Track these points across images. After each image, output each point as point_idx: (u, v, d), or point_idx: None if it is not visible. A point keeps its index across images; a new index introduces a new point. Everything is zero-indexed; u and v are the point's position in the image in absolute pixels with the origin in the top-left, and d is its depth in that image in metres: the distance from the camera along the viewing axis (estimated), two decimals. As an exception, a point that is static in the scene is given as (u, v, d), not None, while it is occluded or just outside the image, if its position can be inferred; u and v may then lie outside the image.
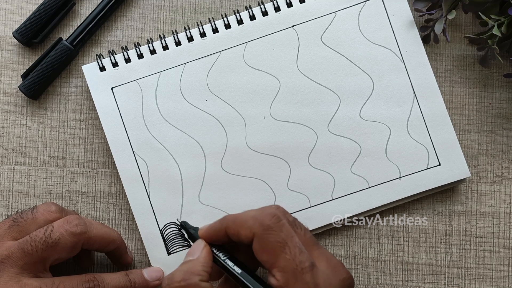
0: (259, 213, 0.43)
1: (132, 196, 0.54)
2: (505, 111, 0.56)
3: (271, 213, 0.43)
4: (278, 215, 0.43)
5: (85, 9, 0.57)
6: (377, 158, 0.54)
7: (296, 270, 0.41)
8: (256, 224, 0.42)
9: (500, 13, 0.53)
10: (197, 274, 0.43)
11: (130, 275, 0.51)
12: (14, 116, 0.56)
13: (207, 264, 0.44)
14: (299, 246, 0.42)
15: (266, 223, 0.42)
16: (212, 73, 0.55)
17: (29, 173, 0.56)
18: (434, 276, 0.55)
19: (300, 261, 0.41)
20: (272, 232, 0.42)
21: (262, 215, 0.43)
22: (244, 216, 0.44)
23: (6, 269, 0.45)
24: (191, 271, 0.43)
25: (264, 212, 0.43)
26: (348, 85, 0.55)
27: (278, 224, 0.42)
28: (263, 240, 0.42)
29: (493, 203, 0.56)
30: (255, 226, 0.42)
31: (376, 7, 0.55)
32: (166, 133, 0.54)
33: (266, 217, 0.43)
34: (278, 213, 0.43)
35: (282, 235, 0.42)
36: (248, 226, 0.43)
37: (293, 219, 0.44)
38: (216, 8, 0.57)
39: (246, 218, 0.43)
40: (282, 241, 0.42)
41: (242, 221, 0.43)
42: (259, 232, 0.42)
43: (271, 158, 0.54)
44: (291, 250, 0.41)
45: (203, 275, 0.43)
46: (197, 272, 0.43)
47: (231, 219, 0.44)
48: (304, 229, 0.45)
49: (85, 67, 0.55)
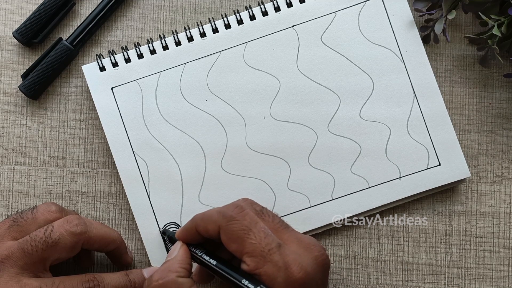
0: (224, 207, 0.46)
1: (132, 196, 0.54)
2: (505, 111, 0.56)
3: (233, 204, 0.45)
4: (240, 205, 0.45)
5: (85, 9, 0.57)
6: (377, 158, 0.54)
7: (263, 252, 0.42)
8: (219, 217, 0.44)
9: (500, 13, 0.53)
10: (174, 271, 0.45)
11: (130, 275, 0.51)
12: (14, 116, 0.56)
13: (184, 261, 0.46)
14: (264, 230, 0.43)
15: (229, 214, 0.44)
16: (212, 73, 0.55)
17: (29, 173, 0.56)
18: (434, 276, 0.55)
19: (266, 243, 0.42)
20: (235, 221, 0.44)
21: (225, 208, 0.45)
22: (210, 212, 0.46)
23: (6, 269, 0.45)
24: (168, 269, 0.45)
25: (229, 205, 0.46)
26: (348, 85, 0.55)
27: (240, 214, 0.44)
28: (228, 231, 0.44)
29: (493, 203, 0.56)
30: (219, 219, 0.44)
31: (376, 7, 0.55)
32: (166, 133, 0.54)
33: (228, 209, 0.45)
34: (241, 204, 0.45)
35: (245, 222, 0.44)
36: (213, 221, 0.45)
37: (260, 208, 0.46)
38: (216, 8, 0.57)
39: (211, 213, 0.46)
40: (246, 228, 0.43)
41: (208, 217, 0.46)
42: (223, 224, 0.44)
43: (271, 158, 0.54)
44: (256, 235, 0.43)
45: (180, 271, 0.45)
46: (174, 269, 0.45)
47: (199, 217, 0.47)
48: (272, 215, 0.46)
49: (85, 67, 0.55)
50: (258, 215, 0.45)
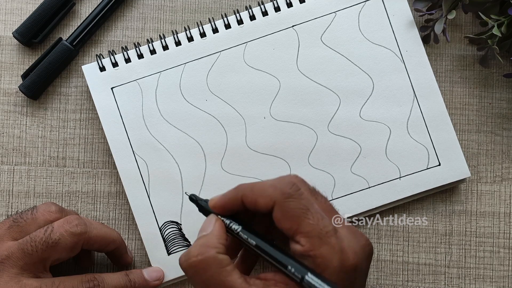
0: (278, 182, 0.43)
1: (132, 196, 0.54)
2: (505, 111, 0.56)
3: (290, 181, 0.43)
4: (296, 183, 0.42)
5: (85, 9, 0.57)
6: (377, 158, 0.54)
7: (321, 234, 0.40)
8: (276, 192, 0.42)
9: (500, 13, 0.53)
10: (213, 247, 0.42)
11: (130, 275, 0.51)
12: (14, 116, 0.56)
13: (221, 237, 0.43)
14: (320, 212, 0.42)
15: (287, 191, 0.42)
16: (212, 73, 0.55)
17: (29, 173, 0.56)
18: (434, 276, 0.55)
19: (324, 225, 0.41)
20: (293, 199, 0.41)
21: (281, 184, 0.42)
22: (262, 184, 0.43)
23: (6, 269, 0.45)
24: (206, 244, 0.42)
25: (283, 181, 0.43)
26: (348, 85, 0.55)
27: (298, 192, 0.42)
28: (284, 208, 0.41)
29: (493, 203, 0.56)
30: (275, 194, 0.42)
31: (376, 7, 0.55)
32: (166, 133, 0.54)
33: (286, 185, 0.42)
34: (297, 182, 0.43)
35: (303, 201, 0.41)
36: (267, 195, 0.42)
37: (312, 187, 0.44)
38: (216, 8, 0.57)
39: (264, 186, 0.43)
40: (304, 207, 0.41)
41: (260, 190, 0.43)
42: (280, 200, 0.41)
43: (271, 158, 0.54)
44: (314, 216, 0.41)
45: (219, 247, 0.42)
46: (213, 245, 0.42)
47: (248, 188, 0.43)
48: (324, 197, 0.44)
49: (85, 67, 0.55)
50: (312, 194, 0.43)
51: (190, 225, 0.54)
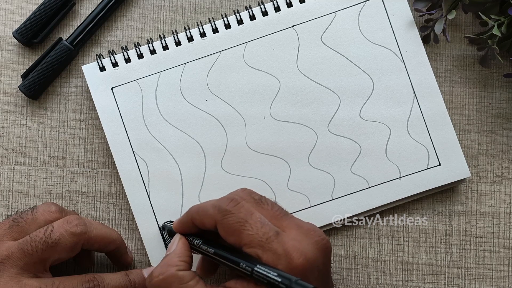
0: (218, 200, 0.45)
1: (132, 196, 0.54)
2: (505, 111, 0.56)
3: (228, 197, 0.45)
4: (235, 198, 0.44)
5: (85, 9, 0.57)
6: (377, 158, 0.54)
7: (261, 241, 0.42)
8: (215, 211, 0.44)
9: (500, 13, 0.53)
10: (173, 265, 0.44)
11: (130, 275, 0.51)
12: (14, 116, 0.56)
13: (183, 254, 0.46)
14: (261, 220, 0.43)
15: (224, 208, 0.44)
16: (212, 73, 0.55)
17: (29, 173, 0.56)
18: (434, 276, 0.55)
19: (263, 233, 0.42)
20: (230, 215, 0.43)
21: (220, 202, 0.45)
22: (205, 205, 0.46)
23: (6, 269, 0.45)
24: (167, 264, 0.45)
25: (223, 198, 0.45)
26: (348, 85, 0.55)
27: (236, 207, 0.44)
28: (224, 225, 0.44)
29: (493, 203, 0.56)
30: (215, 214, 0.44)
31: (376, 7, 0.55)
32: (166, 133, 0.54)
33: (223, 202, 0.44)
34: (236, 196, 0.45)
35: (241, 215, 0.43)
36: (209, 215, 0.45)
37: (259, 196, 0.46)
38: (216, 8, 0.57)
39: (206, 207, 0.45)
40: (242, 220, 0.43)
41: (203, 211, 0.45)
42: (219, 218, 0.44)
43: (271, 158, 0.54)
44: (253, 226, 0.43)
45: (180, 265, 0.45)
46: (174, 263, 0.45)
47: (195, 210, 0.47)
48: (272, 203, 0.46)
49: (85, 67, 0.55)
50: (256, 204, 0.45)
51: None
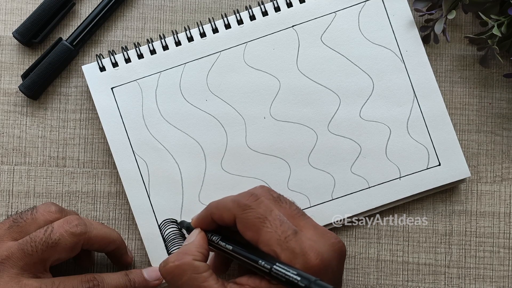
0: (238, 195, 0.45)
1: (132, 196, 0.54)
2: (505, 111, 0.56)
3: (248, 192, 0.45)
4: (255, 193, 0.44)
5: (85, 9, 0.57)
6: (377, 158, 0.54)
7: (279, 240, 0.42)
8: (235, 205, 0.44)
9: (500, 13, 0.53)
10: (190, 254, 0.44)
11: (130, 275, 0.51)
12: (14, 116, 0.56)
13: (201, 246, 0.46)
14: (280, 218, 0.43)
15: (244, 202, 0.44)
16: (212, 73, 0.55)
17: (29, 173, 0.56)
18: (434, 276, 0.55)
19: (282, 231, 0.42)
20: (250, 210, 0.43)
21: (239, 197, 0.45)
22: (225, 200, 0.46)
23: (6, 269, 0.45)
24: (184, 252, 0.45)
25: (242, 193, 0.45)
26: (348, 85, 0.55)
27: (255, 202, 0.44)
28: (243, 219, 0.43)
29: (493, 203, 0.56)
30: (234, 208, 0.44)
31: (376, 7, 0.55)
32: (166, 133, 0.54)
33: (243, 198, 0.44)
34: (256, 192, 0.45)
35: (261, 210, 0.43)
36: (228, 209, 0.44)
37: (277, 195, 0.46)
38: (216, 8, 0.57)
39: (226, 202, 0.45)
40: (261, 216, 0.43)
41: (223, 206, 0.45)
42: (238, 213, 0.44)
43: (271, 158, 0.54)
44: (272, 223, 0.42)
45: (196, 254, 0.44)
46: (191, 252, 0.44)
47: (214, 206, 0.46)
48: (289, 202, 0.46)
49: (85, 67, 0.55)
50: (275, 202, 0.45)
51: (190, 225, 0.54)
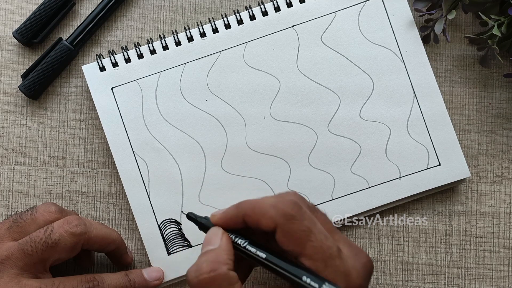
0: (279, 201, 0.41)
1: (132, 196, 0.54)
2: (505, 111, 0.56)
3: (291, 200, 0.41)
4: (298, 203, 0.41)
5: (85, 9, 0.57)
6: (377, 158, 0.54)
7: (324, 256, 0.39)
8: (278, 214, 0.40)
9: (500, 13, 0.53)
10: (224, 263, 0.40)
11: (130, 275, 0.51)
12: (14, 116, 0.56)
13: (230, 252, 0.42)
14: (323, 232, 0.40)
15: (289, 212, 0.40)
16: (212, 73, 0.55)
17: (29, 173, 0.56)
18: (434, 276, 0.55)
19: (327, 246, 0.40)
20: (295, 221, 0.40)
21: (282, 204, 0.41)
22: (263, 204, 0.41)
23: (6, 269, 0.45)
24: (217, 260, 0.40)
25: (284, 200, 0.41)
26: (348, 85, 0.55)
27: (300, 212, 0.40)
28: (287, 230, 0.40)
29: (493, 203, 0.56)
30: (277, 216, 0.40)
31: (376, 7, 0.55)
32: (166, 133, 0.54)
33: (288, 206, 0.41)
34: (298, 200, 0.41)
35: (306, 223, 0.40)
36: (269, 216, 0.40)
37: (312, 204, 0.43)
38: (216, 8, 0.57)
39: (266, 207, 0.41)
40: (307, 229, 0.40)
41: (262, 210, 0.41)
42: (282, 222, 0.40)
43: (271, 158, 0.54)
44: (317, 237, 0.40)
45: (229, 264, 0.41)
46: (224, 261, 0.40)
47: (250, 207, 0.42)
48: (324, 214, 0.43)
49: (85, 67, 0.55)
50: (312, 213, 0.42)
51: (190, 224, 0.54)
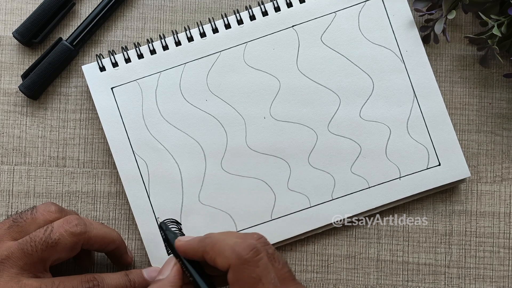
0: (239, 243, 0.43)
1: (132, 196, 0.54)
2: (505, 111, 0.56)
3: (250, 245, 0.42)
4: (257, 248, 0.42)
5: (85, 9, 0.57)
6: (377, 158, 0.54)
7: None
8: (233, 255, 0.42)
9: (500, 13, 0.53)
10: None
11: (130, 275, 0.50)
12: (14, 116, 0.56)
13: (175, 284, 0.45)
14: (274, 283, 0.41)
15: (243, 256, 0.42)
16: (212, 73, 0.55)
17: (29, 173, 0.56)
18: (434, 276, 0.55)
19: None
20: (248, 267, 0.42)
21: (240, 247, 0.42)
22: (223, 244, 0.43)
23: (6, 269, 0.45)
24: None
25: (244, 243, 0.43)
26: (348, 85, 0.55)
27: (255, 259, 0.42)
28: (238, 273, 0.42)
29: (493, 203, 0.56)
30: (232, 258, 0.42)
31: (376, 7, 0.55)
32: (166, 133, 0.54)
33: (244, 250, 0.42)
34: (258, 246, 0.43)
35: (258, 270, 0.41)
36: (225, 256, 0.42)
37: (272, 251, 0.44)
38: (216, 8, 0.57)
39: (224, 247, 0.43)
40: (257, 277, 0.41)
41: (220, 249, 0.43)
42: (235, 264, 0.42)
43: (271, 158, 0.54)
44: (264, 286, 0.41)
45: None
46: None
47: (210, 244, 0.44)
48: (282, 263, 0.44)
49: (85, 67, 0.55)
50: (269, 260, 0.43)
51: (190, 225, 0.54)
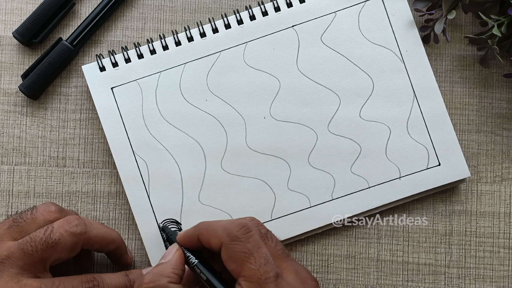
0: (229, 223, 0.44)
1: (132, 196, 0.54)
2: (505, 111, 0.56)
3: (240, 223, 0.44)
4: (247, 226, 0.44)
5: (85, 9, 0.57)
6: (377, 158, 0.54)
7: (260, 280, 0.41)
8: (224, 234, 0.43)
9: (500, 13, 0.53)
10: (166, 276, 0.44)
11: (130, 275, 0.51)
12: (14, 116, 0.56)
13: (177, 267, 0.45)
14: (266, 257, 0.43)
15: (233, 233, 0.43)
16: (212, 73, 0.55)
17: (29, 173, 0.56)
18: (434, 276, 0.55)
19: (264, 271, 0.42)
20: (239, 242, 0.43)
21: (231, 225, 0.44)
22: (216, 225, 0.45)
23: (6, 269, 0.45)
24: (160, 273, 0.44)
25: (235, 222, 0.44)
26: (348, 85, 0.55)
27: (245, 235, 0.43)
28: (229, 250, 0.43)
29: (493, 203, 0.56)
30: (223, 236, 0.43)
31: (376, 7, 0.55)
32: (166, 133, 0.54)
33: (234, 228, 0.44)
34: (248, 224, 0.44)
35: (249, 245, 0.43)
36: (217, 235, 0.44)
37: (265, 231, 0.45)
38: (216, 8, 0.57)
39: (217, 227, 0.44)
40: (248, 252, 0.42)
41: (213, 230, 0.44)
42: (226, 242, 0.43)
43: (271, 158, 0.54)
44: (256, 261, 0.42)
45: (172, 277, 0.44)
46: (166, 274, 0.44)
47: (204, 227, 0.45)
48: (276, 241, 0.45)
49: (85, 67, 0.55)
50: (262, 238, 0.44)
51: (190, 225, 0.54)
